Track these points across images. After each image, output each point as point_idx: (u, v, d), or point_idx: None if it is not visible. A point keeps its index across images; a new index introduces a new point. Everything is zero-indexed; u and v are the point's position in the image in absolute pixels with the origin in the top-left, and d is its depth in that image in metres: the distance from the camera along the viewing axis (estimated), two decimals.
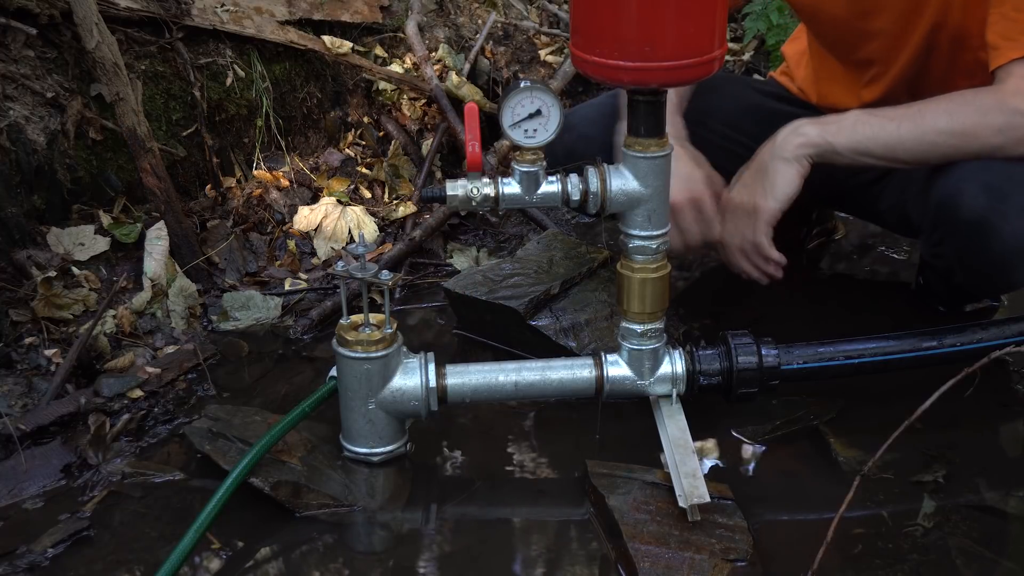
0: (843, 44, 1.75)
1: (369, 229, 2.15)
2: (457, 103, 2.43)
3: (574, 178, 1.37)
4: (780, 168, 1.54)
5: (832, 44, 1.78)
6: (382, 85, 2.44)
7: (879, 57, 1.70)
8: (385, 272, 1.41)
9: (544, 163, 1.36)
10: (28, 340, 1.70)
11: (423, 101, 2.47)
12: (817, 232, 2.19)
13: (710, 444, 1.56)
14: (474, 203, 1.36)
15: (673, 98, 1.70)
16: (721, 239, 1.63)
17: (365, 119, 2.43)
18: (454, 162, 2.48)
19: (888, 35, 1.65)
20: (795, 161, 1.54)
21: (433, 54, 2.54)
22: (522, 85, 1.32)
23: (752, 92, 1.94)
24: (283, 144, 2.27)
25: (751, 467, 1.53)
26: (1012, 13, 1.47)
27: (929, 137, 1.50)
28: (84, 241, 1.87)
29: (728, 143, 1.79)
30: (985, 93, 1.49)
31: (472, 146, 1.32)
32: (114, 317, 1.79)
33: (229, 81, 2.15)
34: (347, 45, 2.32)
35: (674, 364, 1.49)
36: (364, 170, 2.34)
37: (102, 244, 1.89)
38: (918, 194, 1.62)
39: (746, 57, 3.00)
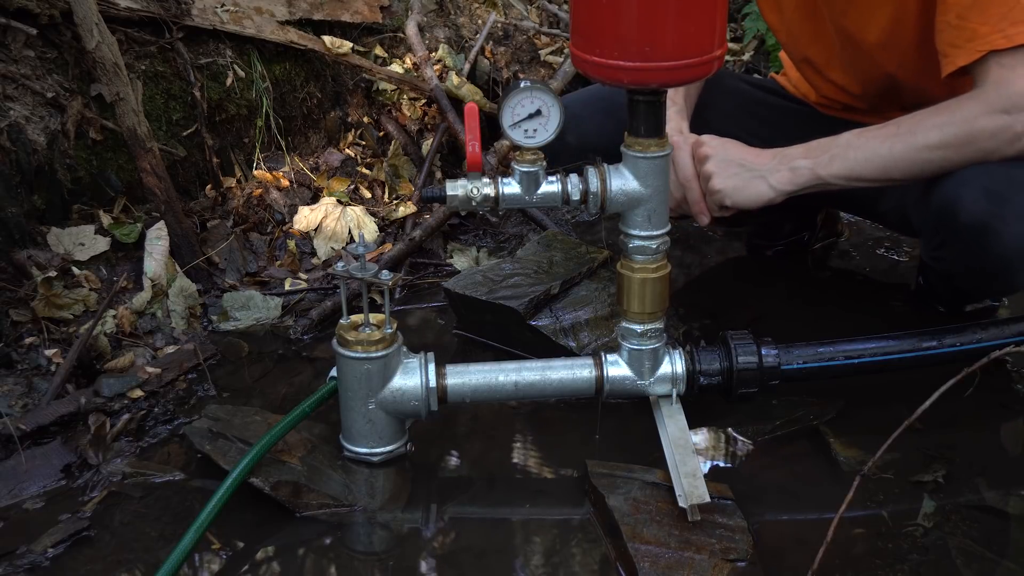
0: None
1: (369, 229, 2.15)
2: (457, 103, 2.43)
3: (574, 178, 1.37)
4: (759, 186, 1.57)
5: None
6: (382, 85, 2.44)
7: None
8: (385, 272, 1.41)
9: (544, 163, 1.36)
10: (28, 340, 1.70)
11: (423, 101, 2.47)
12: (823, 235, 2.20)
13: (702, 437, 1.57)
14: (474, 203, 1.36)
15: (678, 100, 1.71)
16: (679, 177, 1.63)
17: (365, 119, 2.43)
18: (454, 162, 2.48)
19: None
20: (774, 191, 1.56)
21: (433, 54, 2.54)
22: (522, 85, 1.32)
23: (745, 86, 1.96)
24: (283, 144, 2.27)
25: (751, 467, 1.53)
26: (956, 20, 1.47)
27: (923, 155, 1.50)
28: (84, 241, 1.87)
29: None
30: (968, 102, 1.48)
31: (472, 146, 1.32)
32: (114, 317, 1.79)
33: (229, 81, 2.14)
34: (347, 45, 2.32)
35: (674, 364, 1.49)
36: (364, 170, 2.34)
37: (102, 244, 1.89)
38: (919, 198, 1.62)
39: (746, 57, 3.00)
